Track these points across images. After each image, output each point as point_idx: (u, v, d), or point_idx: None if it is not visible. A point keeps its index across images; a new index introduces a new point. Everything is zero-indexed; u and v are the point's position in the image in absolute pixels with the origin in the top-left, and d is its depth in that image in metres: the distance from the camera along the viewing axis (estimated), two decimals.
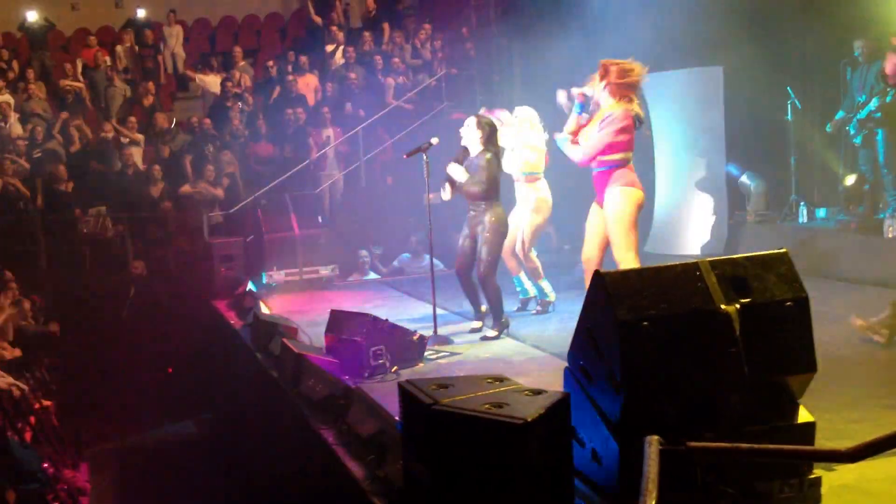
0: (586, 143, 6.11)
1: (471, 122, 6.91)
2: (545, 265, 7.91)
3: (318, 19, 14.76)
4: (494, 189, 6.83)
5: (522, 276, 7.84)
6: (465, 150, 6.93)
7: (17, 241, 11.23)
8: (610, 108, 6.04)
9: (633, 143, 6.12)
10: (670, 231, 10.33)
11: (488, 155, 6.77)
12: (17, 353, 9.07)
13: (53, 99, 13.69)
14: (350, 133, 12.95)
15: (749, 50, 9.58)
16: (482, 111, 7.61)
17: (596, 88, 6.10)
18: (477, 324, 7.08)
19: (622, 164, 6.07)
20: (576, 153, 6.20)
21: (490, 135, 6.85)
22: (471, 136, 6.86)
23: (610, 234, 6.06)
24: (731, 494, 3.17)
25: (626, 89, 6.01)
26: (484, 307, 7.12)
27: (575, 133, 6.27)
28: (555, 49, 10.48)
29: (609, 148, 6.03)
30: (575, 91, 6.33)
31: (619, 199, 6.03)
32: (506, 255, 7.63)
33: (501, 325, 6.97)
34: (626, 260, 5.94)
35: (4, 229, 11.24)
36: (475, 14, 14.12)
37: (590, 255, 6.22)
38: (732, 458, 3.10)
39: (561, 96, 6.78)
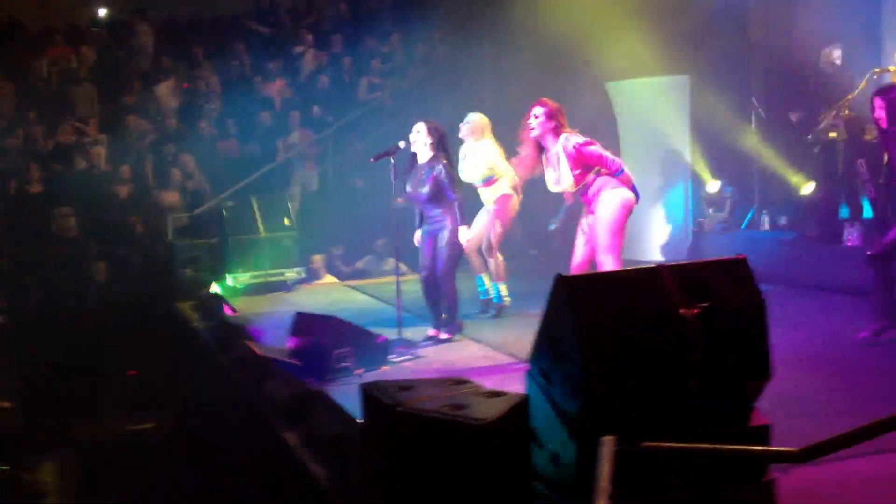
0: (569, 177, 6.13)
1: (420, 127, 6.85)
2: (511, 269, 7.96)
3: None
4: (446, 194, 6.79)
5: (486, 276, 7.88)
6: (414, 156, 6.89)
7: None
8: (559, 147, 6.09)
9: (599, 156, 6.10)
10: (634, 237, 10.39)
11: (439, 163, 6.72)
12: None
13: (19, 97, 13.52)
14: (319, 136, 12.92)
15: (715, 59, 9.71)
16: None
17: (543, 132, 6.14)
18: (432, 331, 7.05)
19: (603, 174, 6.08)
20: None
21: (440, 140, 6.82)
22: (420, 142, 6.84)
23: (596, 234, 6.03)
24: (687, 496, 3.21)
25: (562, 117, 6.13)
26: (444, 315, 7.12)
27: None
28: (525, 55, 10.55)
29: (584, 171, 6.06)
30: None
31: (610, 201, 6.01)
32: (471, 254, 7.69)
33: (455, 328, 6.98)
34: (606, 262, 5.93)
35: None
36: (446, 17, 14.17)
37: (580, 262, 6.16)
38: (686, 459, 3.14)
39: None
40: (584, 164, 6.04)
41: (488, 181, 7.65)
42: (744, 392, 3.51)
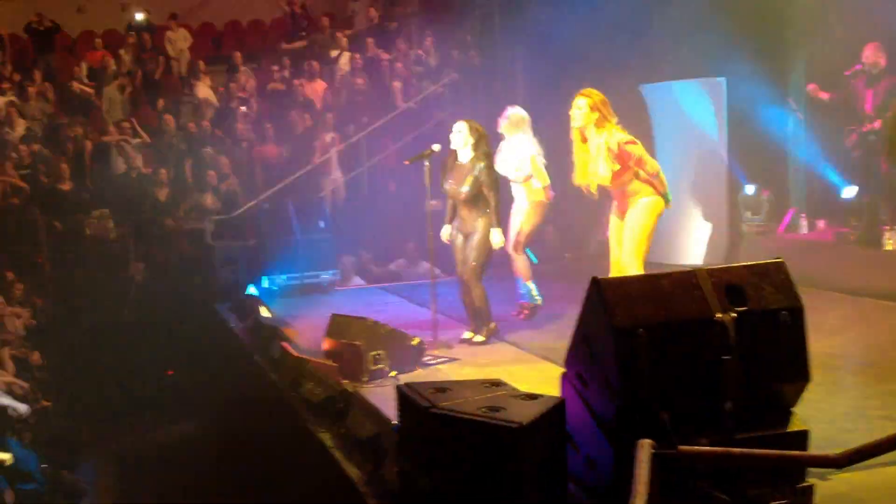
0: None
1: (461, 127, 6.86)
2: (546, 273, 7.94)
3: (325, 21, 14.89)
4: (484, 195, 6.80)
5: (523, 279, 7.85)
6: (454, 154, 6.90)
7: (21, 244, 11.25)
8: (602, 139, 6.06)
9: (640, 157, 6.08)
10: (670, 240, 10.34)
11: (481, 162, 6.75)
12: (36, 357, 9.11)
13: (59, 102, 13.75)
14: (354, 139, 13.00)
15: (752, 61, 9.62)
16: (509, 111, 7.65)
17: (586, 123, 6.11)
18: (469, 334, 7.05)
19: (639, 177, 6.09)
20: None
21: (479, 140, 6.83)
22: (461, 141, 6.86)
23: (625, 237, 6.08)
24: (723, 501, 3.20)
25: (606, 108, 6.10)
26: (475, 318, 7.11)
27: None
28: (558, 56, 10.52)
29: (623, 170, 6.05)
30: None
31: (642, 207, 6.05)
32: (511, 255, 7.68)
33: (489, 331, 6.97)
34: (630, 265, 5.98)
35: (7, 232, 11.27)
36: (479, 21, 14.18)
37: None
38: (724, 464, 3.13)
39: None
40: (624, 161, 6.02)
41: (524, 176, 7.61)
42: (782, 397, 3.49)
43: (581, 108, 6.11)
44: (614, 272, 6.15)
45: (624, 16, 10.15)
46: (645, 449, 2.45)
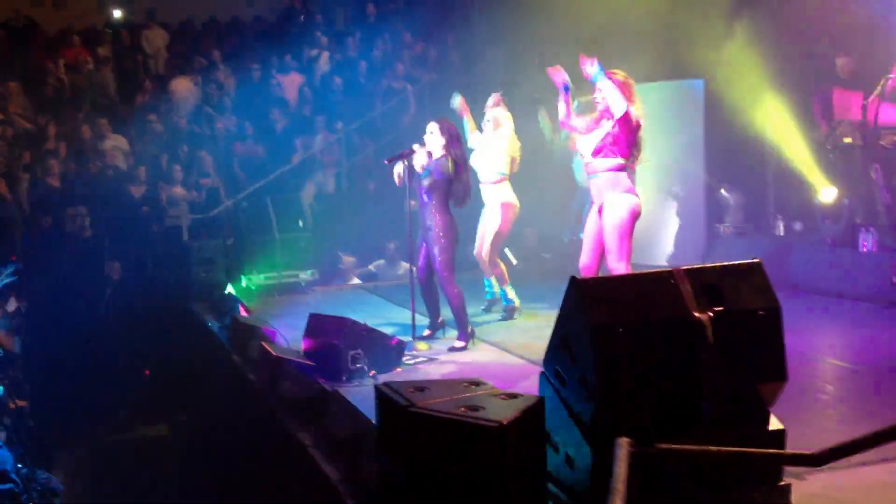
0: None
1: (433, 127, 6.88)
2: (523, 272, 7.96)
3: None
4: (445, 198, 6.77)
5: (494, 279, 7.89)
6: (429, 155, 6.90)
7: None
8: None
9: (635, 149, 6.07)
10: (648, 241, 10.40)
11: (445, 161, 6.75)
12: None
13: (35, 99, 13.62)
14: (333, 138, 12.97)
15: (730, 63, 9.68)
16: (493, 99, 7.66)
17: (591, 71, 5.96)
18: (426, 332, 7.04)
19: (621, 168, 6.01)
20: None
21: (451, 140, 6.83)
22: (434, 141, 6.86)
23: (606, 241, 6.01)
24: (700, 500, 3.21)
25: (628, 90, 6.02)
26: (441, 318, 7.12)
27: (568, 115, 6.24)
28: (538, 58, 10.53)
29: (611, 148, 5.97)
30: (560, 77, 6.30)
31: (617, 206, 5.98)
32: (480, 256, 7.71)
33: (468, 335, 6.92)
34: (619, 269, 5.93)
35: None
36: (459, 21, 14.20)
37: (588, 263, 6.17)
38: (702, 461, 3.14)
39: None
40: (627, 140, 5.98)
41: (495, 178, 7.63)
42: (759, 396, 3.51)
43: (602, 91, 5.99)
44: (586, 275, 6.09)
45: (603, 16, 10.19)
46: (623, 447, 2.45)
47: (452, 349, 6.84)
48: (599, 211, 6.10)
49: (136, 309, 10.93)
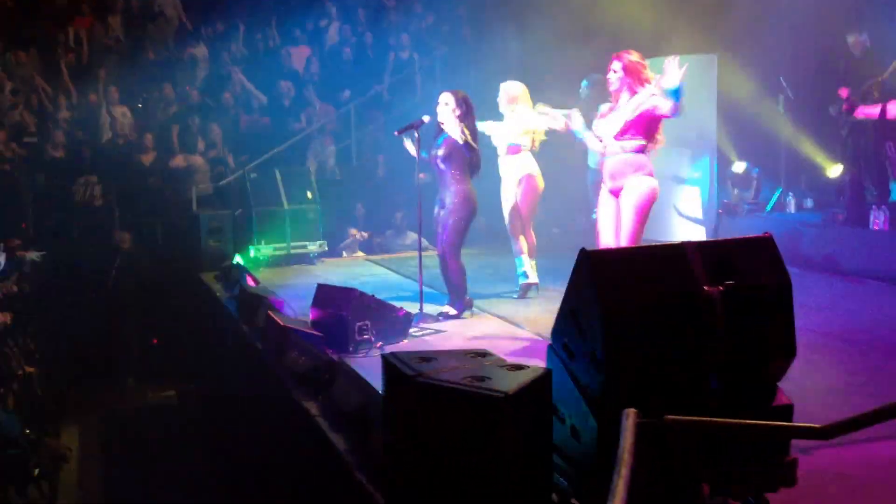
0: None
1: (447, 98, 6.80)
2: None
3: None
4: (464, 167, 6.73)
5: (525, 257, 7.67)
6: (439, 127, 6.84)
7: (5, 208, 11.16)
8: (638, 99, 5.85)
9: (656, 131, 5.94)
10: (658, 216, 10.34)
11: (462, 133, 6.69)
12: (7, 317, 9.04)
13: (45, 68, 13.59)
14: (342, 109, 12.92)
15: (743, 39, 9.59)
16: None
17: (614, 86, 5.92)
18: (446, 307, 6.98)
19: (643, 150, 5.89)
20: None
21: (467, 111, 6.76)
22: (447, 113, 6.79)
23: (623, 220, 5.87)
24: (707, 473, 3.20)
25: (643, 72, 5.92)
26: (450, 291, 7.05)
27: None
28: (549, 30, 10.48)
29: (634, 131, 5.84)
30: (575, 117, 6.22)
31: (639, 188, 5.83)
32: (513, 232, 7.60)
33: (464, 304, 6.92)
34: None
35: None
36: None
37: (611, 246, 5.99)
38: (709, 434, 3.13)
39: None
40: (649, 123, 5.86)
41: (512, 148, 7.56)
42: (767, 372, 3.49)
43: (617, 72, 5.89)
44: None
45: None
46: (630, 418, 2.45)
47: (445, 316, 6.82)
48: (615, 193, 5.97)
49: (146, 278, 10.95)
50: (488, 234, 9.59)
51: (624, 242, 5.88)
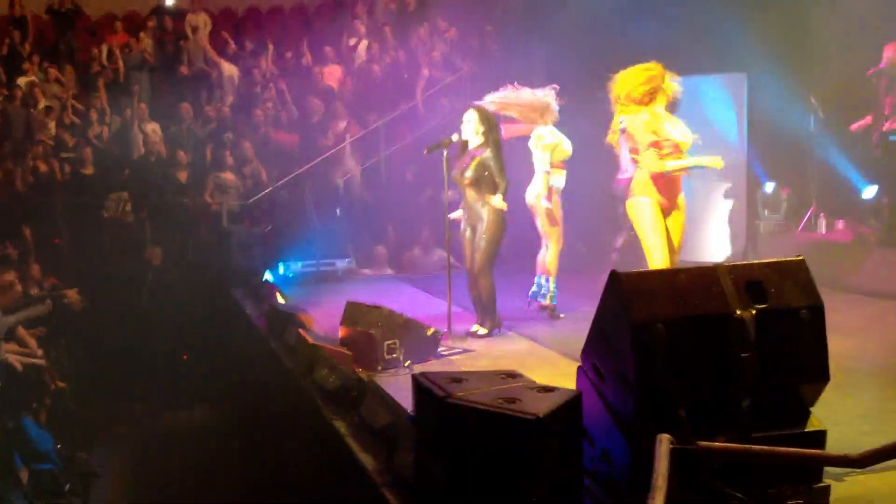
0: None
1: (471, 116, 6.80)
2: (560, 266, 7.85)
3: None
4: (492, 186, 6.72)
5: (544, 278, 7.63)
6: (465, 144, 6.84)
7: (40, 223, 11.29)
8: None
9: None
10: (689, 237, 10.29)
11: (487, 149, 6.68)
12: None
13: (79, 84, 13.80)
14: (371, 128, 12.98)
15: (774, 57, 9.55)
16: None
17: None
18: (475, 327, 6.98)
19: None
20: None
21: (490, 128, 6.77)
22: (471, 130, 6.79)
23: (680, 234, 6.05)
24: (739, 499, 3.18)
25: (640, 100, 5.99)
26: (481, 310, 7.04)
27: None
28: (577, 47, 10.48)
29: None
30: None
31: (633, 209, 6.00)
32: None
33: (493, 324, 6.91)
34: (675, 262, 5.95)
35: (28, 212, 11.31)
36: (500, 11, 14.13)
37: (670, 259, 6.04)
38: (742, 460, 3.11)
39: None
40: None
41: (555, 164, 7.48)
42: (800, 396, 3.47)
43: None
44: None
45: (646, 8, 10.09)
46: (664, 443, 2.44)
47: (473, 335, 6.82)
48: (668, 208, 6.02)
49: (176, 294, 11.03)
50: (515, 250, 9.54)
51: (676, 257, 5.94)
